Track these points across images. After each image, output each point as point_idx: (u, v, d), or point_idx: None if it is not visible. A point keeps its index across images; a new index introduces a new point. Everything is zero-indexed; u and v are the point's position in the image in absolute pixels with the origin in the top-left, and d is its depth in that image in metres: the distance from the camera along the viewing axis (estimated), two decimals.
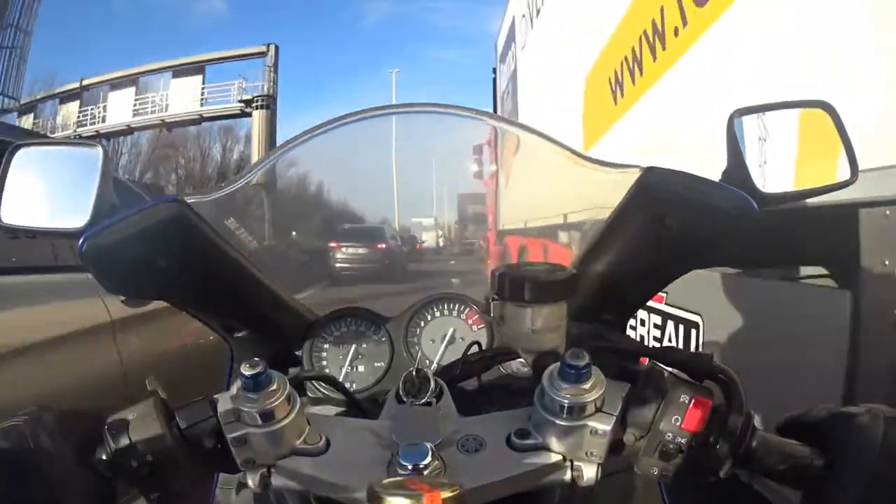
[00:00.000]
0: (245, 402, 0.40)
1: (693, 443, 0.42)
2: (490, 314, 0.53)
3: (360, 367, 0.64)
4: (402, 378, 0.46)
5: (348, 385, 0.62)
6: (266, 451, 0.42)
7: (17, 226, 0.50)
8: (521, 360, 0.52)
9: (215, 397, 0.43)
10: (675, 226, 0.50)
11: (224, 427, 0.41)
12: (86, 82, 19.10)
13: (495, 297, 0.52)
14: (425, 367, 0.52)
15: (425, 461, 0.39)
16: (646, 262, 0.54)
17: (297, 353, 0.63)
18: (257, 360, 0.40)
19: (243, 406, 0.40)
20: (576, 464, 0.42)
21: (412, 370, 0.46)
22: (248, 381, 0.40)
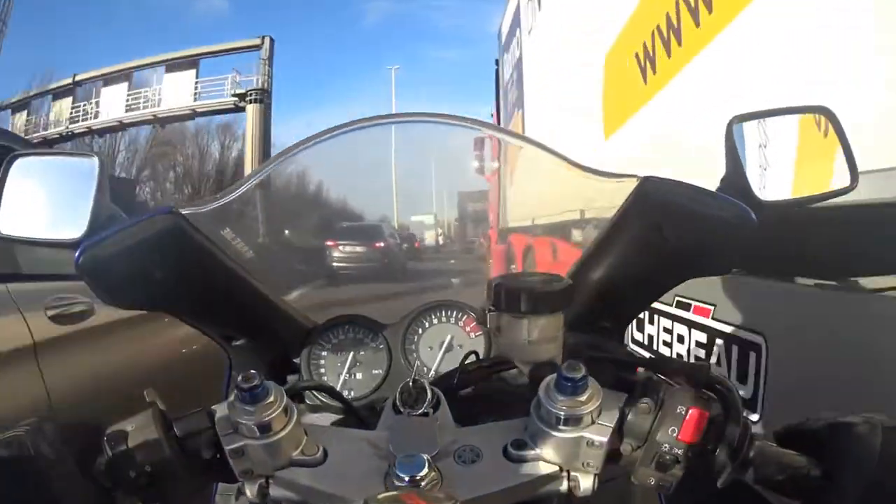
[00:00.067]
0: (242, 414, 0.41)
1: (690, 453, 0.42)
2: (487, 325, 0.53)
3: (358, 375, 0.64)
4: (399, 389, 0.46)
5: (346, 393, 0.62)
6: (264, 462, 0.42)
7: (13, 236, 0.50)
8: (517, 370, 0.52)
9: (213, 408, 0.43)
10: (673, 236, 0.50)
11: (222, 438, 0.41)
12: (78, 78, 18.72)
13: (492, 307, 0.52)
14: (423, 374, 0.52)
15: (422, 473, 0.40)
16: (643, 271, 0.54)
17: (296, 360, 0.63)
18: (254, 372, 0.40)
19: (240, 418, 0.41)
20: (572, 474, 0.42)
21: (409, 381, 0.46)
22: (244, 394, 0.40)
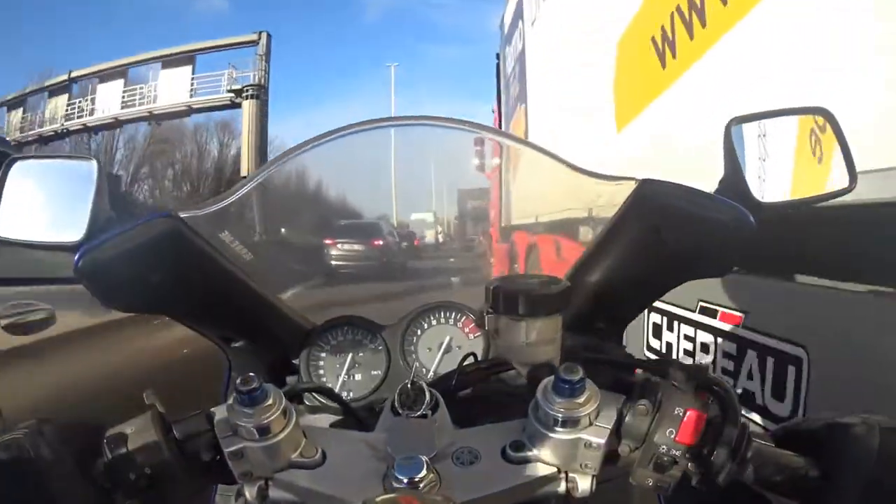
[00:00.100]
0: (241, 416, 0.41)
1: (688, 454, 0.42)
2: (485, 327, 0.53)
3: (357, 376, 0.64)
4: (397, 390, 0.46)
5: (345, 394, 0.62)
6: (263, 465, 0.42)
7: (12, 239, 0.50)
8: (515, 371, 0.52)
9: (212, 411, 0.44)
10: (671, 238, 0.50)
11: (221, 441, 0.42)
12: (74, 74, 18.33)
13: (490, 310, 0.52)
14: (421, 376, 0.52)
15: (420, 475, 0.40)
16: (641, 273, 0.54)
17: (295, 361, 0.64)
18: (252, 375, 0.41)
19: (239, 421, 0.41)
20: (570, 476, 0.42)
21: (407, 382, 0.46)
22: (243, 396, 0.40)
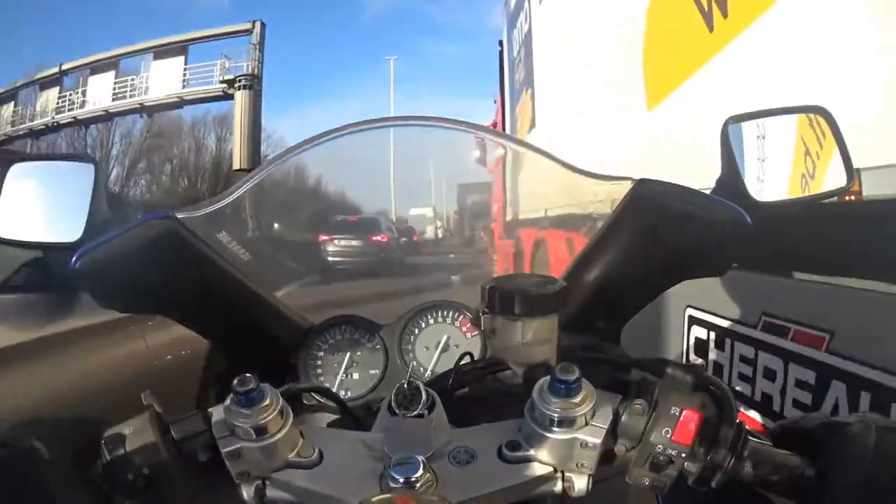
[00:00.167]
0: (238, 417, 0.41)
1: (684, 454, 0.42)
2: (481, 327, 0.54)
3: (355, 375, 0.64)
4: (394, 390, 0.47)
5: (342, 393, 0.62)
6: (260, 465, 0.42)
7: (11, 239, 0.51)
8: (512, 371, 0.52)
9: (209, 411, 0.44)
10: (668, 238, 0.50)
11: (218, 441, 0.42)
12: (65, 67, 17.67)
13: (486, 310, 0.52)
14: (419, 375, 0.52)
15: (416, 475, 0.40)
16: (638, 272, 0.54)
17: (292, 361, 0.64)
18: (249, 375, 0.41)
19: (236, 421, 0.41)
20: (567, 475, 0.43)
21: (404, 382, 0.47)
22: (240, 397, 0.40)
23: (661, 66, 2.12)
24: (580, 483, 0.42)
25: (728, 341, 1.36)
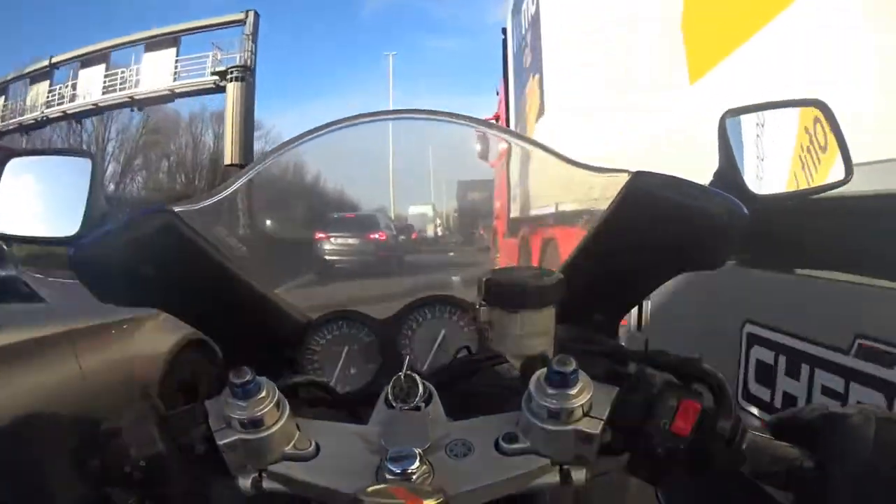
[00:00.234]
0: (235, 409, 0.41)
1: (682, 445, 0.42)
2: (478, 320, 0.53)
3: (353, 370, 0.64)
4: (391, 383, 0.47)
5: (340, 388, 0.62)
6: (257, 457, 0.42)
7: (9, 234, 0.51)
8: (509, 364, 0.52)
9: (206, 403, 0.44)
10: (664, 230, 0.50)
11: (215, 433, 0.42)
12: (55, 60, 17.17)
13: (483, 302, 0.52)
14: (416, 369, 0.52)
15: (413, 467, 0.40)
16: (636, 265, 0.54)
17: (290, 355, 0.64)
18: (245, 368, 0.41)
19: (233, 413, 0.41)
20: (564, 467, 0.42)
21: (400, 374, 0.47)
22: (237, 389, 0.40)
23: (706, 35, 1.78)
24: (578, 475, 0.42)
25: (806, 369, 1.06)
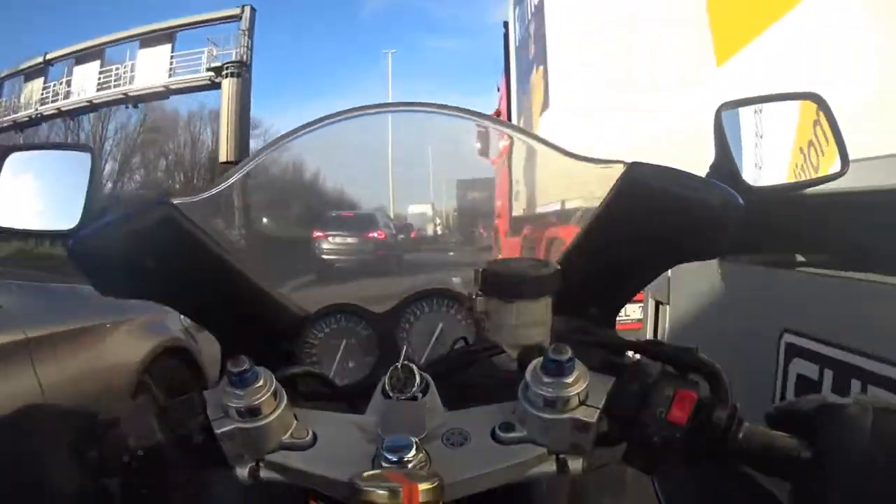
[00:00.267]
0: (232, 398, 0.41)
1: (678, 435, 0.42)
2: (475, 310, 0.54)
3: (351, 363, 0.64)
4: (388, 373, 0.47)
5: (338, 381, 0.62)
6: (254, 446, 0.42)
7: (10, 228, 0.52)
8: (506, 355, 0.52)
9: (205, 393, 0.44)
10: (660, 221, 0.50)
11: (212, 422, 0.42)
12: (49, 56, 16.63)
13: (479, 292, 0.52)
14: (413, 361, 0.52)
15: (409, 455, 0.40)
16: (632, 256, 0.54)
17: (288, 349, 0.64)
18: (243, 357, 0.41)
19: (230, 402, 0.41)
20: (560, 456, 0.43)
21: (397, 365, 0.47)
22: (234, 378, 0.41)
23: (734, 15, 1.71)
24: (574, 464, 0.42)
25: (857, 385, 0.94)
